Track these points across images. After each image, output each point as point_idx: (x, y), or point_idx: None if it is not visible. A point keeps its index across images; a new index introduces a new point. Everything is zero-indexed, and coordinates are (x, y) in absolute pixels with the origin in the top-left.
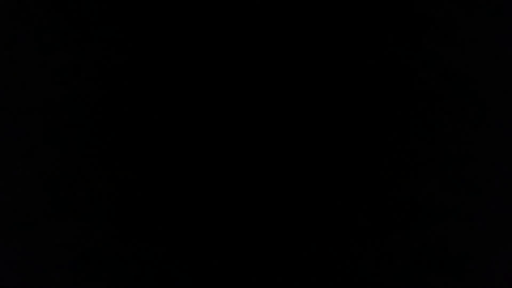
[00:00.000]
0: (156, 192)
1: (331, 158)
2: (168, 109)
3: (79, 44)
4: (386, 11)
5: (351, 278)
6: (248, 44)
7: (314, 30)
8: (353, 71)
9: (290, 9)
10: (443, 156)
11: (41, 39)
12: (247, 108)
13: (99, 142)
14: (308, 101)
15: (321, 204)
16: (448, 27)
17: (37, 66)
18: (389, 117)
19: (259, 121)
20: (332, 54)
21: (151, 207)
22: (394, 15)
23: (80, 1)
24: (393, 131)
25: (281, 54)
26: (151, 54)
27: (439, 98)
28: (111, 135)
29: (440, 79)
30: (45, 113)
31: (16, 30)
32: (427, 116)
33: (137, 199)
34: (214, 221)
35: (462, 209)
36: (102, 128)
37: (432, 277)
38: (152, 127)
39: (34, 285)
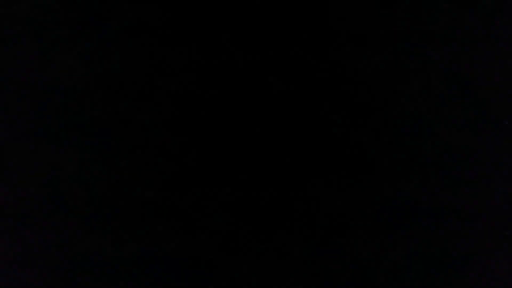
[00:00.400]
0: (153, 194)
1: (332, 158)
2: (164, 111)
3: (79, 47)
4: (385, 12)
5: (351, 278)
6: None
7: (315, 31)
8: (354, 71)
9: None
10: (443, 157)
11: (41, 41)
12: (238, 109)
13: (98, 143)
14: (312, 101)
15: (321, 204)
16: (448, 28)
17: (38, 67)
18: (388, 117)
19: (253, 122)
20: (333, 55)
21: (148, 208)
22: (394, 16)
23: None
24: (393, 132)
25: (280, 54)
26: (149, 55)
27: (439, 98)
28: (109, 137)
29: (441, 79)
30: (44, 113)
31: (16, 31)
32: (427, 117)
33: (134, 200)
34: (210, 223)
35: (462, 209)
36: (99, 130)
37: (432, 277)
38: (148, 130)
39: (32, 285)
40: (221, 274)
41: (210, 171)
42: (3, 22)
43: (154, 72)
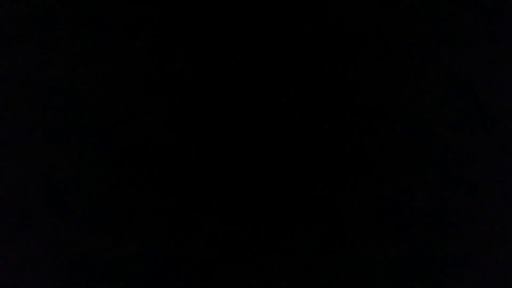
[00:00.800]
0: (153, 194)
1: (332, 158)
2: (162, 112)
3: (80, 46)
4: (385, 12)
5: (351, 278)
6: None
7: (311, 31)
8: (353, 71)
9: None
10: (443, 157)
11: (41, 41)
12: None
13: (98, 143)
14: (312, 101)
15: (321, 204)
16: (448, 28)
17: (38, 67)
18: (388, 117)
19: (252, 123)
20: (333, 55)
21: (148, 208)
22: (394, 16)
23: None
24: (393, 132)
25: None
26: (149, 55)
27: (439, 98)
28: (109, 136)
29: (441, 79)
30: (44, 113)
31: (17, 29)
32: (427, 117)
33: (134, 200)
34: (210, 223)
35: (462, 209)
36: (99, 130)
37: (432, 277)
38: (148, 130)
39: (32, 285)
40: (221, 274)
41: (210, 171)
42: (3, 22)
43: (154, 72)
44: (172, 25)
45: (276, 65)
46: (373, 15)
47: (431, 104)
